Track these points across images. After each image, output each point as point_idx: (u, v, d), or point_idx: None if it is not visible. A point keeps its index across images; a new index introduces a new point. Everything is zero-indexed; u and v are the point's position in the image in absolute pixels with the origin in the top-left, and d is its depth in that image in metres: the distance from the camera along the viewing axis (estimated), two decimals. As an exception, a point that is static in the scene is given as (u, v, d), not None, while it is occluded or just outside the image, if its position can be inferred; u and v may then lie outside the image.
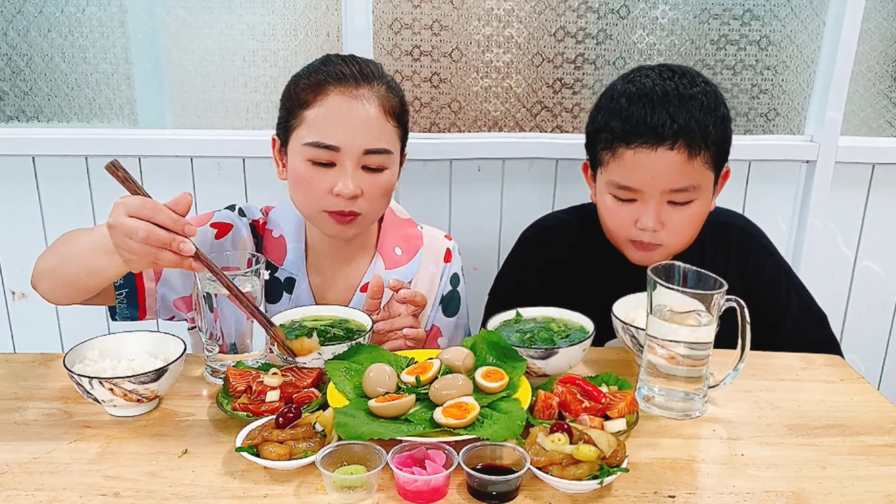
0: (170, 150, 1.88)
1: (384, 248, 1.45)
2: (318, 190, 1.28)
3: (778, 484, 0.96)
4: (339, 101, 1.27)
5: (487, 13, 1.86)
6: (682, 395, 1.11)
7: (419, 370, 1.10)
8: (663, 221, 1.35)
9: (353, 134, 1.26)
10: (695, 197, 1.35)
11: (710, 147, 1.32)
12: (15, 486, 0.92)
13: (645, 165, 1.32)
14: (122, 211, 1.02)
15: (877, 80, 2.01)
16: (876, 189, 2.06)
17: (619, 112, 1.34)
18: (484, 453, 0.94)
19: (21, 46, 1.83)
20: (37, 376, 1.21)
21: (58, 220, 1.93)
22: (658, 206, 1.34)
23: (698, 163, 1.31)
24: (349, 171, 1.27)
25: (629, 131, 1.32)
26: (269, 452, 0.94)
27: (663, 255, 1.40)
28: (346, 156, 1.27)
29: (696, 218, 1.38)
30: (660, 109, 1.30)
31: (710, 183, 1.36)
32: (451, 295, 1.50)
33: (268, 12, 1.84)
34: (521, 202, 1.98)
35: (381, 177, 1.31)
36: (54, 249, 1.24)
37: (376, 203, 1.33)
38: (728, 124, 1.37)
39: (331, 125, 1.27)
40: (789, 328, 1.48)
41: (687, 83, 1.34)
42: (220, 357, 1.19)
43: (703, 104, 1.32)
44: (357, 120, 1.27)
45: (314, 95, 1.28)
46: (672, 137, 1.29)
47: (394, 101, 1.32)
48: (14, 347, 2.04)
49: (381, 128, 1.29)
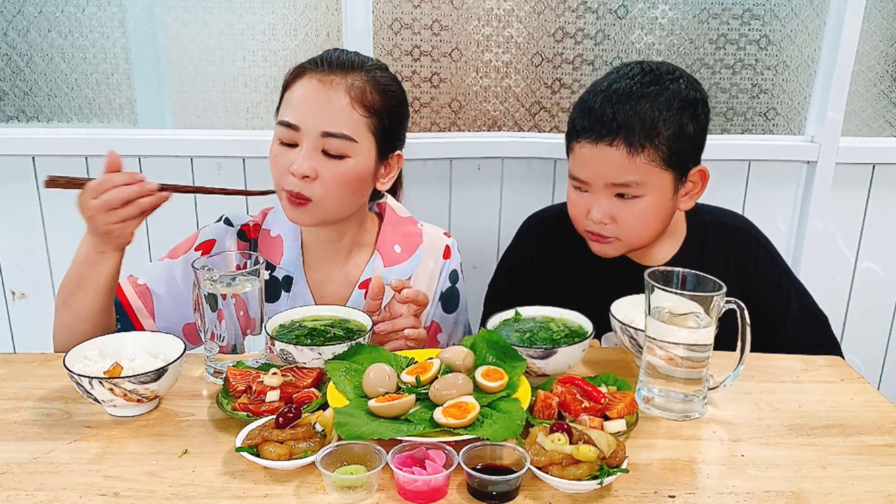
0: (170, 150, 1.88)
1: (383, 246, 1.46)
2: (281, 168, 1.31)
3: (778, 484, 0.96)
4: (309, 83, 1.31)
5: (487, 13, 1.86)
6: (681, 397, 1.11)
7: (419, 370, 1.10)
8: (613, 215, 1.37)
9: (313, 115, 1.29)
10: (642, 193, 1.35)
11: (659, 146, 1.32)
12: (15, 486, 0.92)
13: (588, 159, 1.36)
14: (85, 201, 1.18)
15: (877, 80, 2.01)
16: (876, 189, 2.06)
17: (579, 106, 1.40)
18: (484, 453, 0.94)
19: (21, 46, 1.83)
20: (37, 376, 1.21)
21: (58, 220, 1.93)
22: (605, 199, 1.37)
23: (641, 160, 1.32)
24: (304, 150, 1.29)
25: (578, 126, 1.37)
26: (269, 452, 0.94)
27: (619, 249, 1.42)
28: (304, 136, 1.29)
29: (647, 214, 1.37)
30: (606, 105, 1.33)
31: (662, 181, 1.35)
32: (451, 291, 1.51)
33: (268, 12, 1.84)
34: (519, 201, 1.98)
35: (340, 164, 1.30)
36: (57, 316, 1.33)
37: (333, 192, 1.31)
38: (695, 124, 1.35)
39: (297, 105, 1.31)
40: (790, 330, 1.47)
41: (648, 81, 1.34)
42: (220, 357, 1.19)
43: (655, 102, 1.32)
44: (320, 102, 1.29)
45: (294, 79, 1.34)
46: (611, 133, 1.32)
47: (371, 94, 1.32)
48: (14, 347, 2.04)
49: (345, 114, 1.30)
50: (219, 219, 1.47)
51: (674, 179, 1.37)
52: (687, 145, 1.35)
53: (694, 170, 1.39)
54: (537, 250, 1.57)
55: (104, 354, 1.15)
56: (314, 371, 1.13)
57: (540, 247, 1.57)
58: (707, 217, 1.53)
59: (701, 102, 1.37)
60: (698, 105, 1.36)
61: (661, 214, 1.40)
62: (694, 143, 1.37)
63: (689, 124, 1.34)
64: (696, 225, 1.51)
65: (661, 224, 1.42)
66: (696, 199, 1.43)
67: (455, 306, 1.52)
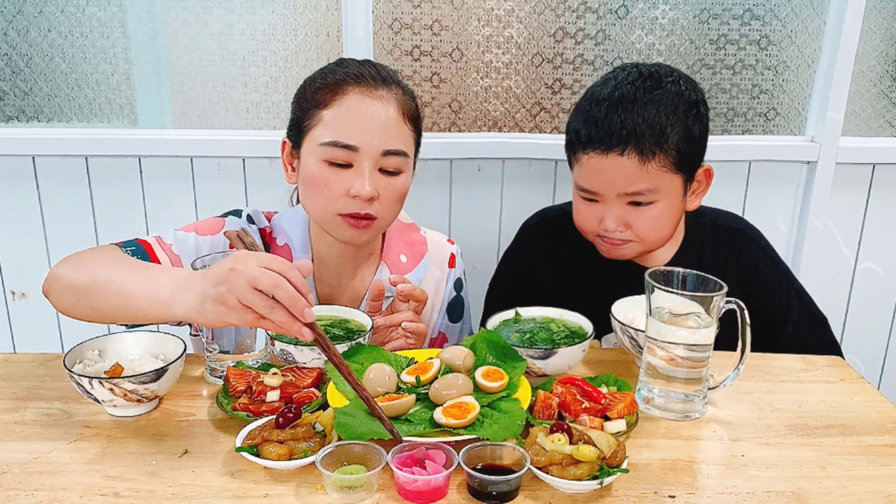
0: (170, 150, 1.88)
1: (389, 256, 1.43)
2: (334, 192, 1.25)
3: (778, 484, 0.96)
4: (359, 100, 1.25)
5: (487, 13, 1.86)
6: (681, 397, 1.11)
7: (419, 370, 1.10)
8: (628, 222, 1.36)
9: (372, 134, 1.24)
10: (655, 199, 1.34)
11: (669, 150, 1.31)
12: (15, 486, 0.92)
13: (598, 171, 1.34)
14: (252, 259, 0.94)
15: (877, 80, 2.01)
16: (876, 189, 2.06)
17: (581, 116, 1.37)
18: (484, 453, 0.94)
19: (21, 46, 1.83)
20: (37, 376, 1.21)
21: (58, 220, 1.93)
22: (618, 208, 1.35)
23: (653, 167, 1.31)
24: (367, 172, 1.24)
25: (583, 137, 1.34)
26: (269, 452, 0.94)
27: (634, 250, 1.41)
28: (364, 156, 1.24)
29: (662, 218, 1.37)
30: (612, 114, 1.31)
31: (673, 185, 1.35)
32: (456, 300, 1.50)
33: (268, 12, 1.84)
34: (520, 202, 1.97)
35: (396, 180, 1.28)
36: (88, 268, 1.12)
37: (391, 208, 1.30)
38: (699, 125, 1.35)
39: (349, 125, 1.24)
40: (791, 332, 1.47)
41: (650, 85, 1.33)
42: (220, 357, 1.19)
43: (661, 107, 1.31)
44: (376, 120, 1.24)
45: (332, 95, 1.26)
46: (621, 143, 1.30)
47: (411, 105, 1.31)
48: (14, 347, 2.04)
49: (400, 129, 1.27)
50: (237, 212, 1.39)
51: (683, 182, 1.37)
52: (694, 146, 1.35)
53: (700, 170, 1.40)
54: (539, 250, 1.57)
55: (104, 354, 1.15)
56: (314, 371, 1.13)
57: (541, 247, 1.57)
58: (706, 218, 1.53)
59: (702, 103, 1.37)
60: (700, 105, 1.36)
61: (674, 217, 1.40)
62: (700, 143, 1.37)
63: (695, 125, 1.34)
64: (696, 226, 1.51)
65: (675, 226, 1.42)
66: (702, 197, 1.44)
67: (460, 315, 1.51)
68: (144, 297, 1.02)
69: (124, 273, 1.07)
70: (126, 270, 1.08)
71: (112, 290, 1.06)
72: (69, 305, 1.13)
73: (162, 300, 1.00)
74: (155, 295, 1.01)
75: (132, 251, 1.22)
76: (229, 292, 0.92)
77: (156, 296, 1.01)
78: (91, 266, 1.12)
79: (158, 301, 1.00)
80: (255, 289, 0.92)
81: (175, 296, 0.98)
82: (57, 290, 1.14)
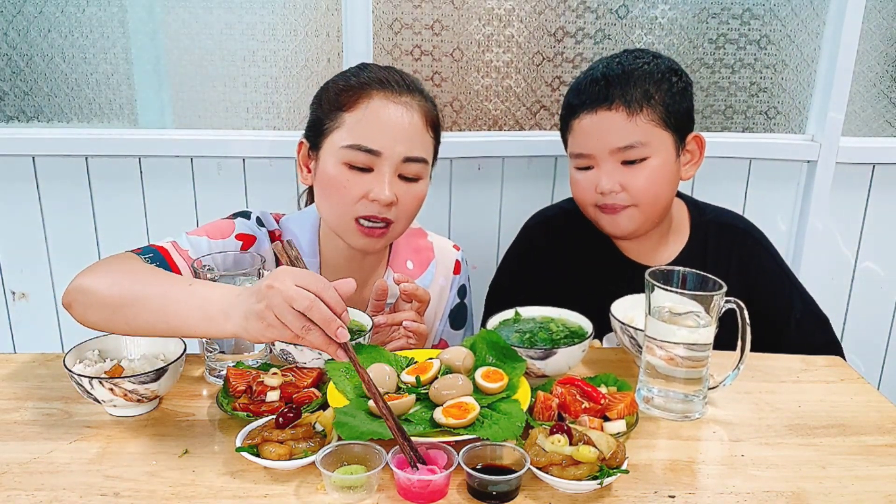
0: (170, 150, 1.88)
1: (396, 263, 1.43)
2: (352, 195, 1.25)
3: (778, 484, 0.96)
4: (384, 105, 1.25)
5: (488, 13, 1.86)
6: (681, 397, 1.11)
7: (419, 370, 1.10)
8: (623, 184, 1.40)
9: (395, 140, 1.24)
10: (647, 154, 1.38)
11: (655, 105, 1.37)
12: (15, 486, 0.92)
13: (588, 129, 1.40)
14: (289, 278, 0.93)
15: (877, 80, 2.01)
16: (876, 189, 2.06)
17: (571, 92, 1.46)
18: (484, 453, 0.94)
19: (21, 46, 1.83)
20: (37, 376, 1.21)
21: (58, 220, 1.93)
22: (612, 167, 1.40)
23: (641, 120, 1.37)
24: (387, 177, 1.24)
25: (574, 105, 1.42)
26: (269, 452, 0.94)
27: (634, 219, 1.42)
28: (385, 161, 1.24)
29: (656, 177, 1.40)
30: (598, 80, 1.40)
31: (664, 142, 1.39)
32: (459, 308, 1.50)
33: (268, 12, 1.84)
34: (520, 200, 1.98)
35: (415, 186, 1.29)
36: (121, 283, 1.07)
37: (408, 214, 1.30)
38: (683, 85, 1.42)
39: (373, 129, 1.24)
40: (793, 332, 1.48)
41: (633, 58, 1.42)
42: (219, 357, 1.19)
43: (644, 73, 1.39)
44: (400, 126, 1.25)
45: (356, 98, 1.26)
46: (609, 99, 1.37)
47: (434, 114, 1.32)
48: (14, 347, 2.04)
49: (422, 137, 1.28)
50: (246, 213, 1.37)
51: (675, 142, 1.40)
52: (681, 105, 1.41)
53: (690, 136, 1.44)
54: (540, 249, 1.57)
55: (104, 354, 1.15)
56: (314, 371, 1.14)
57: (543, 246, 1.57)
58: (709, 217, 1.53)
59: (682, 72, 1.43)
60: (681, 73, 1.43)
61: (669, 178, 1.42)
62: (685, 103, 1.42)
63: (678, 84, 1.41)
64: (699, 225, 1.52)
65: (671, 189, 1.45)
66: (697, 167, 1.47)
67: (463, 322, 1.51)
68: (192, 315, 1.00)
69: (166, 289, 1.04)
70: (168, 286, 1.04)
71: (154, 306, 1.02)
72: (99, 320, 1.08)
73: (213, 317, 0.98)
74: (205, 312, 0.99)
75: (150, 258, 1.20)
76: (268, 309, 0.92)
77: (206, 313, 0.99)
78: (123, 280, 1.07)
79: (209, 318, 0.98)
80: (292, 307, 0.91)
81: (227, 312, 0.97)
82: (83, 304, 1.08)
